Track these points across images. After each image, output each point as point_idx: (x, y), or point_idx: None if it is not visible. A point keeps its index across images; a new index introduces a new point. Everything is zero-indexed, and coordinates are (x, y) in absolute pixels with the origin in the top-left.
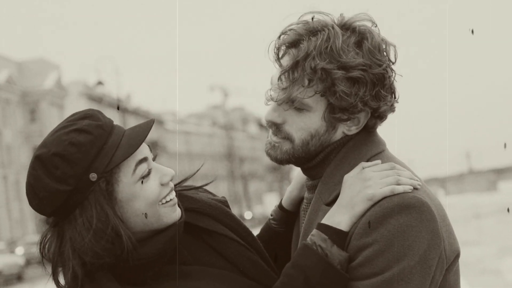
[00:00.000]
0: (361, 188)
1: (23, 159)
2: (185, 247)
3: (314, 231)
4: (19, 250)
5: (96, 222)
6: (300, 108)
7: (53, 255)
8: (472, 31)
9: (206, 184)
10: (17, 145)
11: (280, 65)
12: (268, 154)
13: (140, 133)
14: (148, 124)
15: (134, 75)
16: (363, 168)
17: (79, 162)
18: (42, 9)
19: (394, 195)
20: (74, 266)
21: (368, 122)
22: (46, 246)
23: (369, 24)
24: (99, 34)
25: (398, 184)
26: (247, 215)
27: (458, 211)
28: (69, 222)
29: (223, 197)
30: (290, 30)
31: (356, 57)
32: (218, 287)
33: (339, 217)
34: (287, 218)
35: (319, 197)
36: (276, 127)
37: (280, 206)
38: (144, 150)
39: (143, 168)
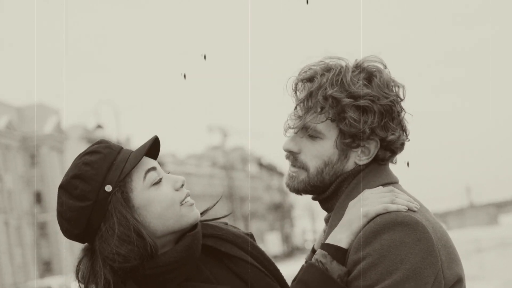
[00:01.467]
0: (358, 207)
1: (24, 204)
2: (206, 267)
3: (318, 250)
4: None
5: (118, 227)
6: (314, 136)
7: (86, 273)
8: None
9: (225, 216)
10: (18, 190)
11: (297, 99)
12: (287, 185)
13: (144, 147)
14: (151, 139)
15: (133, 118)
16: (363, 193)
17: (94, 178)
18: (41, 56)
19: (388, 212)
20: (105, 274)
21: (379, 153)
22: (80, 268)
23: (380, 65)
24: (99, 78)
25: (393, 203)
26: None
27: (459, 246)
28: (97, 237)
29: (250, 232)
30: (308, 68)
31: (364, 89)
32: None
33: (339, 235)
34: None
35: (331, 226)
36: (293, 157)
37: (312, 249)
38: (151, 162)
39: (153, 176)
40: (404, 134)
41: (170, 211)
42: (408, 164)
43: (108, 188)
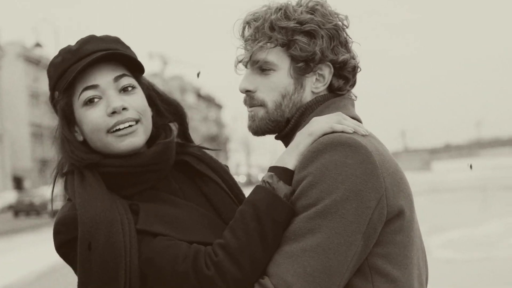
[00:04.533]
0: (305, 128)
1: None
2: (177, 182)
3: (265, 174)
4: None
5: (57, 131)
6: (266, 68)
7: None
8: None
9: (213, 150)
10: None
11: (245, 39)
12: (249, 128)
13: (86, 61)
14: (98, 56)
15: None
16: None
17: (50, 81)
18: None
19: (333, 133)
20: (59, 162)
21: (333, 82)
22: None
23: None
24: None
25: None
26: None
27: None
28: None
29: (226, 165)
30: (253, 12)
31: (308, 15)
32: (200, 222)
33: (286, 158)
34: None
35: None
36: (250, 97)
37: None
38: (98, 78)
39: (86, 94)
40: (355, 61)
41: (95, 136)
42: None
43: (56, 94)
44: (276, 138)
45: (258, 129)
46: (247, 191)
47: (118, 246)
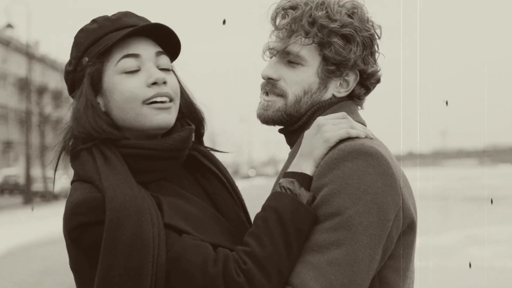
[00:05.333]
0: (317, 134)
1: None
2: (185, 177)
3: (281, 179)
4: None
5: (79, 100)
6: (295, 62)
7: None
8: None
9: (220, 152)
10: None
11: (276, 27)
12: (259, 116)
13: (132, 29)
14: (151, 24)
15: (46, 22)
16: (317, 119)
17: (79, 46)
18: None
19: (353, 141)
20: (65, 137)
21: (355, 89)
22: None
23: (358, 3)
24: None
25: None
26: None
27: None
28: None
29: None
30: (288, 0)
31: (348, 19)
32: (211, 222)
33: (302, 163)
34: None
35: (292, 155)
36: (272, 85)
37: None
38: (140, 49)
39: (128, 63)
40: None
41: (129, 106)
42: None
43: (85, 60)
44: (281, 131)
45: (269, 119)
46: None
47: (147, 237)
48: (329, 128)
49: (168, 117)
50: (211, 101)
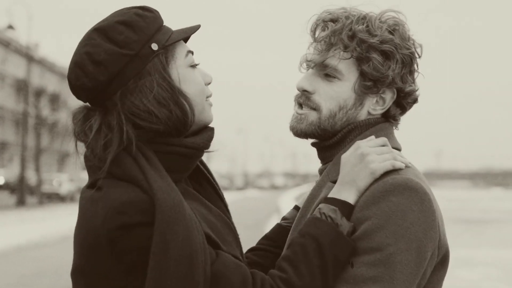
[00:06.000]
0: (362, 163)
1: None
2: (185, 182)
3: (322, 204)
4: None
5: (156, 87)
6: (332, 75)
7: (95, 127)
8: None
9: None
10: None
11: (315, 39)
12: (292, 128)
13: (191, 28)
14: (195, 26)
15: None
16: (358, 145)
17: (144, 30)
18: None
19: (398, 173)
20: (128, 129)
21: (391, 109)
22: (83, 123)
23: (400, 20)
24: None
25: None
26: None
27: None
28: (124, 92)
29: None
30: (329, 13)
31: (388, 35)
32: (226, 232)
33: (344, 192)
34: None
35: (327, 175)
36: (306, 97)
37: (295, 206)
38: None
39: (192, 58)
40: (417, 92)
41: (199, 99)
42: None
43: (155, 46)
44: (314, 145)
45: (301, 132)
46: None
47: (195, 244)
48: (374, 158)
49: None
50: None
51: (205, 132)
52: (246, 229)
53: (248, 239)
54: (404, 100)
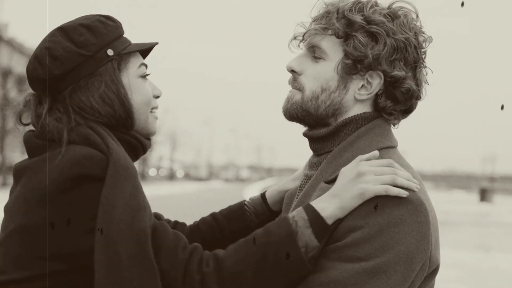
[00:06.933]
0: (355, 181)
1: None
2: None
3: (300, 208)
4: None
5: (103, 87)
6: (319, 56)
7: (43, 113)
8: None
9: None
10: None
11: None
12: (282, 109)
13: (147, 44)
14: (153, 43)
15: (16, 4)
16: (360, 161)
17: (103, 36)
18: None
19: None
20: (76, 118)
21: (380, 101)
22: (32, 109)
23: (412, 12)
24: None
25: (394, 185)
26: None
27: None
28: (74, 89)
29: None
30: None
31: (382, 18)
32: None
33: (326, 204)
34: (262, 211)
35: (320, 174)
36: (293, 78)
37: (262, 195)
38: (142, 60)
39: (145, 69)
40: (417, 86)
41: (143, 109)
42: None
43: (110, 52)
44: (305, 135)
45: (286, 111)
46: (167, 186)
47: (140, 201)
48: (369, 179)
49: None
50: (175, 100)
51: (148, 140)
52: None
53: None
54: (395, 89)
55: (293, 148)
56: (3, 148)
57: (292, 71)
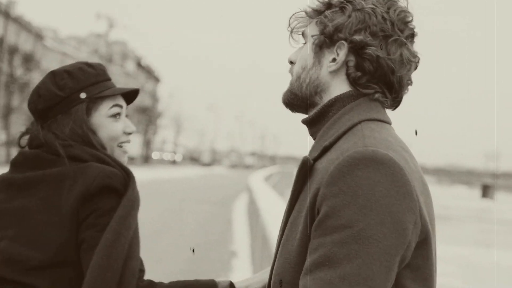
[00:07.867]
0: None
1: None
2: None
3: (225, 283)
4: None
5: (72, 124)
6: (304, 42)
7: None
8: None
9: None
10: None
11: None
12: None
13: (126, 89)
14: (135, 89)
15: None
16: None
17: (79, 81)
18: None
19: (366, 146)
20: (48, 137)
21: (350, 72)
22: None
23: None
24: None
25: None
26: None
27: None
28: (53, 121)
29: None
30: None
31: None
32: None
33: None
34: None
35: (309, 154)
36: (291, 68)
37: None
38: (122, 102)
39: (116, 110)
40: (390, 59)
41: (110, 144)
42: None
43: (83, 95)
44: (302, 121)
45: (283, 100)
46: (174, 169)
47: (135, 223)
48: None
49: (126, 160)
50: (180, 85)
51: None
52: (214, 205)
53: (217, 214)
54: (360, 57)
55: (296, 138)
56: (8, 125)
57: (290, 62)
